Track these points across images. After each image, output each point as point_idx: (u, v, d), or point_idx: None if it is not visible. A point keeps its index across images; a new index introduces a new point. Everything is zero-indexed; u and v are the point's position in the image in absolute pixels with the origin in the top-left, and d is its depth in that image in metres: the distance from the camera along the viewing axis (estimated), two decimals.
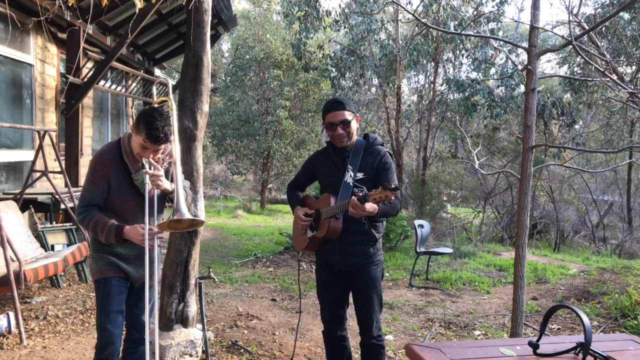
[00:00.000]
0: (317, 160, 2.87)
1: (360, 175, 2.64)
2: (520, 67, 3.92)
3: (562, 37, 3.33)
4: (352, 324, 3.17)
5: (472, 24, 9.45)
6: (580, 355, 1.58)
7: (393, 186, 2.24)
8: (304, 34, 11.34)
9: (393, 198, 2.26)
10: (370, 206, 2.34)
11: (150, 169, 2.31)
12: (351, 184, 2.61)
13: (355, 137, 2.71)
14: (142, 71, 9.24)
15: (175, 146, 2.44)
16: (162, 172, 2.33)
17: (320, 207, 2.70)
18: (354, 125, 2.67)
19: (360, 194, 2.32)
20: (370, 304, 2.68)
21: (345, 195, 2.59)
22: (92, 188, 2.33)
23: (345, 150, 2.70)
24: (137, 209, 2.40)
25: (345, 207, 2.45)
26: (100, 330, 2.39)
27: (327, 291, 2.81)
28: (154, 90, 9.29)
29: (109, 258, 2.40)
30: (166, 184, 2.34)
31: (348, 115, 2.62)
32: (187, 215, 2.25)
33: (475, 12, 11.20)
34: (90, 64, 7.16)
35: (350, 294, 2.80)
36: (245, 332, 4.18)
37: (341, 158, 2.71)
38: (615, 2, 8.95)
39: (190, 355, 3.41)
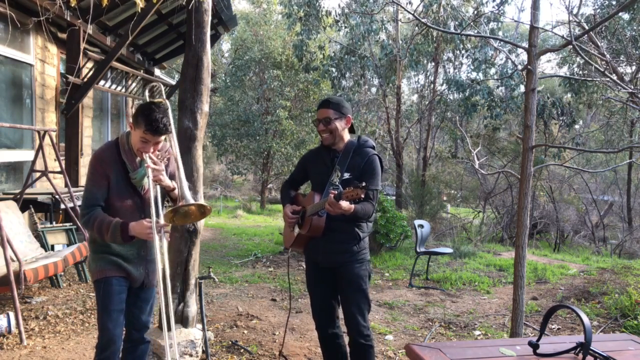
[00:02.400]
0: (310, 158, 2.95)
1: (347, 175, 2.69)
2: (520, 67, 3.92)
3: (562, 37, 3.33)
4: None
5: (472, 24, 9.44)
6: (580, 355, 1.57)
7: (363, 184, 2.31)
8: (304, 34, 11.34)
9: (362, 196, 2.32)
10: (345, 205, 2.43)
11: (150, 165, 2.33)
12: (337, 183, 2.66)
13: (345, 139, 2.77)
14: (142, 71, 9.24)
15: (174, 142, 2.48)
16: (163, 167, 2.37)
17: (306, 205, 2.78)
18: (339, 125, 2.71)
19: (336, 192, 2.40)
20: (355, 302, 2.69)
21: (328, 194, 2.63)
22: (94, 188, 2.34)
23: (335, 151, 2.76)
24: (135, 210, 2.40)
25: (322, 206, 2.53)
26: (101, 329, 2.38)
27: (315, 288, 2.85)
28: (147, 94, 9.28)
29: (109, 257, 2.39)
30: (166, 180, 2.37)
31: (331, 113, 2.69)
32: (192, 201, 2.27)
33: (475, 12, 11.20)
34: (90, 64, 7.16)
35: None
36: (245, 332, 4.18)
37: (331, 158, 2.77)
38: (615, 2, 8.95)
39: (190, 355, 3.41)
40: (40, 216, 5.88)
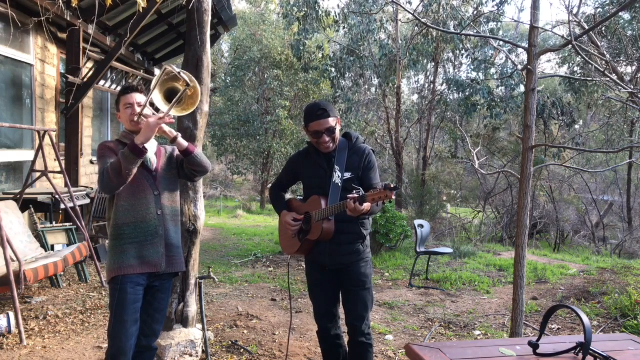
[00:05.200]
0: (300, 162, 2.86)
1: (347, 175, 2.66)
2: (520, 67, 3.92)
3: (562, 37, 3.33)
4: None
5: (472, 24, 9.45)
6: (580, 355, 1.57)
7: (393, 186, 2.27)
8: (303, 34, 11.34)
9: (393, 197, 2.29)
10: (367, 206, 2.39)
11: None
12: (340, 184, 2.63)
13: (338, 139, 2.72)
14: (142, 71, 9.24)
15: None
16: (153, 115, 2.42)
17: (310, 210, 2.70)
18: (338, 129, 2.68)
19: (357, 195, 2.34)
20: (361, 301, 2.69)
21: (335, 196, 2.61)
22: (107, 159, 2.35)
23: (330, 151, 2.71)
24: (146, 185, 2.42)
25: (340, 209, 2.48)
26: (112, 339, 2.35)
27: (319, 290, 2.82)
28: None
29: (128, 251, 2.36)
30: (166, 128, 2.39)
31: (333, 122, 2.62)
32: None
33: (475, 12, 11.20)
34: (90, 64, 7.16)
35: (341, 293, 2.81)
36: (245, 332, 4.18)
37: (327, 159, 2.71)
38: (615, 2, 8.95)
39: (190, 355, 3.41)
40: (40, 216, 5.88)
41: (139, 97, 2.44)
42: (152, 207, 2.41)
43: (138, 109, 2.42)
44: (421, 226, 6.61)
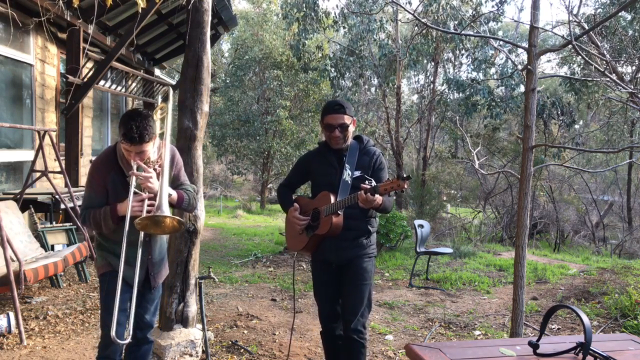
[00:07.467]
0: (311, 160, 2.92)
1: (357, 173, 2.72)
2: (520, 67, 3.91)
3: (562, 37, 3.33)
4: None
5: (472, 24, 9.44)
6: (580, 355, 1.57)
7: (405, 175, 2.35)
8: (302, 34, 11.34)
9: (405, 187, 2.34)
10: (379, 198, 2.46)
11: (139, 171, 2.27)
12: (349, 182, 2.69)
13: (350, 139, 2.80)
14: (142, 71, 9.24)
15: (166, 147, 2.41)
16: (151, 174, 2.29)
17: (318, 206, 2.74)
18: (351, 128, 2.76)
19: (369, 186, 2.40)
20: (359, 295, 2.69)
21: (344, 193, 2.66)
22: (92, 193, 2.38)
23: (341, 150, 2.78)
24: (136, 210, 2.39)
25: (351, 202, 2.54)
26: (103, 328, 2.40)
27: (324, 290, 2.83)
28: (159, 99, 9.30)
29: (113, 260, 2.41)
30: (155, 187, 2.28)
31: (347, 119, 2.71)
32: (167, 213, 2.19)
33: (475, 12, 11.20)
34: (90, 64, 7.16)
35: None
36: (245, 332, 4.18)
37: (338, 158, 2.78)
38: (615, 2, 8.95)
39: (190, 355, 3.41)
40: (40, 216, 5.88)
41: (138, 148, 2.25)
42: (139, 233, 2.35)
43: (134, 163, 2.28)
44: (421, 226, 6.61)
